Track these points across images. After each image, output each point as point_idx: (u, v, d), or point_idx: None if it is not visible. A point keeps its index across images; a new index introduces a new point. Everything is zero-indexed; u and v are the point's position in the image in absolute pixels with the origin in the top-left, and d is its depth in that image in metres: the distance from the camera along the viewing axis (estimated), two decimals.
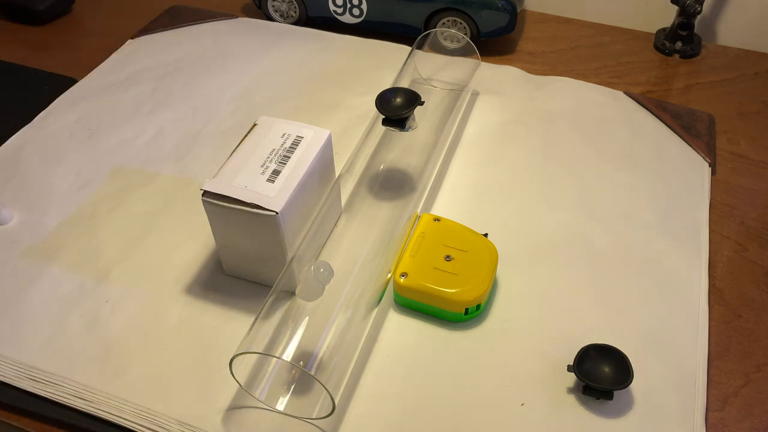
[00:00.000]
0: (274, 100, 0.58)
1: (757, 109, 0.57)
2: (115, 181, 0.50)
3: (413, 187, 0.45)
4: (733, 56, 0.64)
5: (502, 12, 0.60)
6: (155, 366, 0.38)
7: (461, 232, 0.42)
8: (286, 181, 0.39)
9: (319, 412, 0.36)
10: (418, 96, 0.44)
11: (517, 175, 0.50)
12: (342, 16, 0.65)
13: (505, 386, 0.38)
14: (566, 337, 0.40)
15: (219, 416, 0.36)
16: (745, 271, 0.44)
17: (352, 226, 0.42)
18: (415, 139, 0.48)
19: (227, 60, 0.62)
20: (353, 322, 0.37)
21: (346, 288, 0.38)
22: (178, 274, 0.44)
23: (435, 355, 0.39)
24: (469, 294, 0.39)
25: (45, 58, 0.64)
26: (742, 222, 0.48)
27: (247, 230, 0.39)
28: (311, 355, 0.34)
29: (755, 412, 0.37)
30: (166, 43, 0.64)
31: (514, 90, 0.58)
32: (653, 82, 0.61)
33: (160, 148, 0.53)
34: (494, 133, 0.54)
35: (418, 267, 0.40)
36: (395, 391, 0.37)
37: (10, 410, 0.38)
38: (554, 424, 0.36)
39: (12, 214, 0.48)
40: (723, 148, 0.54)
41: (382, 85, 0.59)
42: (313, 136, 0.42)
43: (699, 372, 0.38)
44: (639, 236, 0.46)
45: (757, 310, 0.42)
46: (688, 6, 0.61)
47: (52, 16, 0.69)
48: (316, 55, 0.63)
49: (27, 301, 0.42)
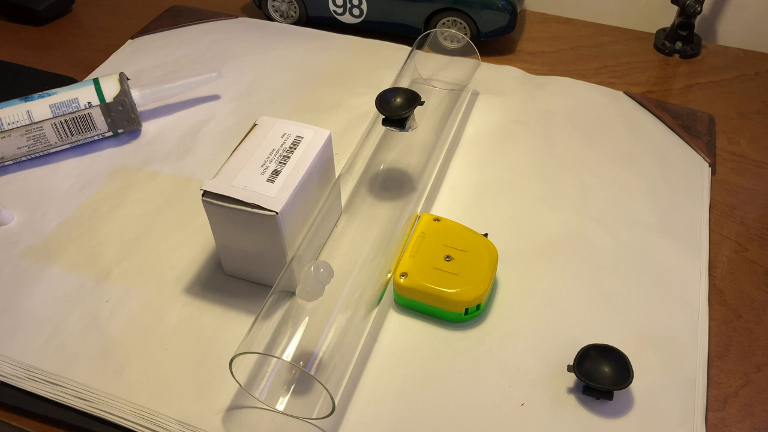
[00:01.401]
0: (274, 100, 0.58)
1: (757, 109, 0.57)
2: (115, 181, 0.50)
3: (413, 187, 0.45)
4: (733, 56, 0.64)
5: (502, 12, 0.60)
6: (155, 366, 0.38)
7: (461, 232, 0.42)
8: (286, 181, 0.39)
9: (319, 412, 0.36)
10: (418, 96, 0.44)
11: (517, 174, 0.50)
12: (342, 16, 0.65)
13: (505, 386, 0.38)
14: (566, 337, 0.40)
15: (219, 416, 0.36)
16: (745, 271, 0.44)
17: (352, 226, 0.42)
18: (415, 139, 0.48)
19: (227, 60, 0.62)
20: (353, 322, 0.37)
21: (346, 288, 0.38)
22: (178, 274, 0.44)
23: (435, 355, 0.39)
24: (469, 294, 0.39)
25: (45, 58, 0.64)
26: (742, 222, 0.48)
27: (247, 230, 0.39)
28: (311, 355, 0.34)
29: (755, 412, 0.37)
30: (166, 43, 0.64)
31: (514, 90, 0.58)
32: (653, 82, 0.61)
33: (160, 148, 0.53)
34: (494, 133, 0.54)
35: (418, 267, 0.40)
36: (395, 391, 0.37)
37: (10, 410, 0.38)
38: (554, 424, 0.36)
39: (12, 214, 0.48)
40: (723, 148, 0.54)
41: (382, 85, 0.59)
42: (313, 136, 0.42)
43: (699, 372, 0.38)
44: (639, 236, 0.46)
45: (757, 310, 0.42)
46: (688, 6, 0.61)
47: (52, 16, 0.69)
48: (316, 55, 0.63)
49: (27, 301, 0.42)
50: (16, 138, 0.49)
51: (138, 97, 0.52)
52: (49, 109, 0.49)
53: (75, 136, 0.51)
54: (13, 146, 0.49)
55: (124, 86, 0.51)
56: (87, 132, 0.51)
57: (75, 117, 0.50)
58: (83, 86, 0.51)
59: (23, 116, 0.49)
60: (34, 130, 0.49)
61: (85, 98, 0.50)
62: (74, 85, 0.51)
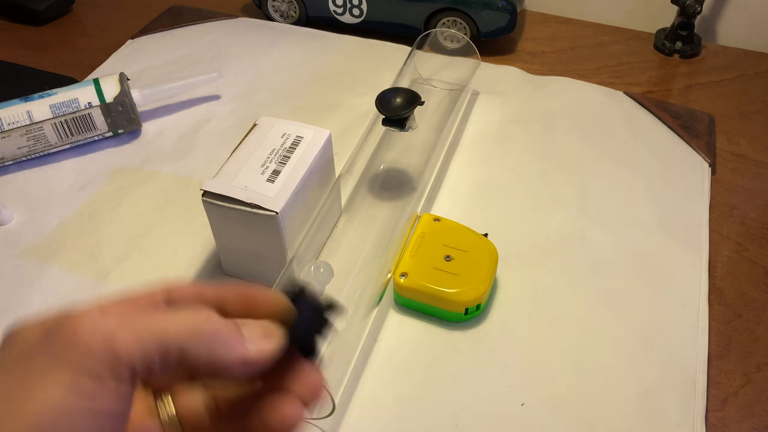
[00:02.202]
0: (274, 100, 0.58)
1: (757, 109, 0.57)
2: (115, 181, 0.50)
3: (413, 187, 0.45)
4: (733, 56, 0.64)
5: (502, 12, 0.60)
6: None
7: (461, 232, 0.42)
8: (286, 181, 0.39)
9: (319, 412, 0.36)
10: (418, 96, 0.44)
11: (517, 175, 0.50)
12: (342, 16, 0.65)
13: (505, 386, 0.38)
14: (566, 337, 0.40)
15: None
16: (745, 271, 0.44)
17: (352, 226, 0.42)
18: (415, 139, 0.48)
19: (227, 60, 0.62)
20: (353, 322, 0.37)
21: (346, 288, 0.38)
22: (178, 274, 0.44)
23: (435, 355, 0.39)
24: (469, 294, 0.39)
25: (45, 58, 0.64)
26: (742, 222, 0.48)
27: (247, 230, 0.39)
28: None
29: (755, 412, 0.37)
30: (166, 43, 0.64)
31: (514, 90, 0.58)
32: (653, 82, 0.61)
33: (160, 148, 0.53)
34: (494, 133, 0.54)
35: (418, 267, 0.40)
36: (395, 391, 0.37)
37: None
38: (554, 424, 0.36)
39: (12, 214, 0.48)
40: (723, 148, 0.54)
41: (382, 85, 0.59)
42: (313, 136, 0.42)
43: (699, 372, 0.38)
44: (639, 236, 0.46)
45: (757, 310, 0.42)
46: (688, 6, 0.61)
47: (51, 16, 0.69)
48: (316, 55, 0.63)
49: (27, 301, 0.42)
50: (16, 138, 0.49)
51: (138, 97, 0.52)
52: (49, 109, 0.49)
53: (75, 136, 0.51)
54: (13, 146, 0.49)
55: (124, 86, 0.51)
56: (87, 132, 0.51)
57: (75, 117, 0.50)
58: (83, 86, 0.51)
59: (23, 116, 0.49)
60: (34, 130, 0.49)
61: (85, 98, 0.50)
62: (74, 85, 0.51)
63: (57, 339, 0.18)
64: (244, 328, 0.20)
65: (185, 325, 0.19)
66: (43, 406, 0.17)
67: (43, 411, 0.17)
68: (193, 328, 0.19)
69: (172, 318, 0.19)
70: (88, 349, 0.18)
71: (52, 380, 0.17)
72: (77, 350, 0.18)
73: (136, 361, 0.18)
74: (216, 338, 0.19)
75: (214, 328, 0.19)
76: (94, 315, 0.19)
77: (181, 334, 0.19)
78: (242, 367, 0.20)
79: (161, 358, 0.18)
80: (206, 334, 0.19)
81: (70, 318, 0.19)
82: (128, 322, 0.19)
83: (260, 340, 0.20)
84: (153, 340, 0.18)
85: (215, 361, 0.19)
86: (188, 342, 0.19)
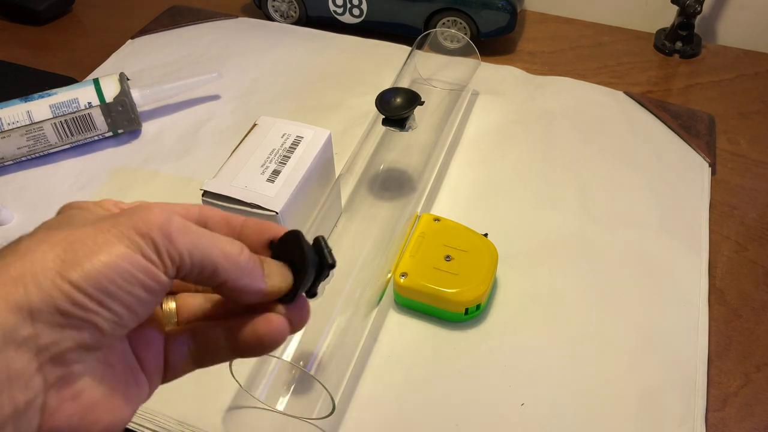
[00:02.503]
0: (274, 100, 0.58)
1: (757, 109, 0.57)
2: (115, 181, 0.50)
3: (413, 187, 0.45)
4: (733, 56, 0.64)
5: (502, 12, 0.60)
6: None
7: (461, 232, 0.42)
8: (286, 181, 0.39)
9: (319, 412, 0.36)
10: (418, 96, 0.44)
11: (517, 175, 0.50)
12: (342, 16, 0.65)
13: (505, 386, 0.38)
14: (566, 337, 0.40)
15: (219, 416, 0.36)
16: (745, 271, 0.44)
17: (352, 226, 0.42)
18: (415, 139, 0.48)
19: (227, 60, 0.62)
20: (353, 322, 0.37)
21: (346, 288, 0.38)
22: None
23: (435, 355, 0.39)
24: (469, 294, 0.39)
25: (45, 58, 0.64)
26: (742, 222, 0.48)
27: None
28: (311, 355, 0.34)
29: (755, 412, 0.37)
30: (166, 43, 0.64)
31: (514, 90, 0.58)
32: (653, 82, 0.61)
33: (159, 148, 0.53)
34: (494, 133, 0.54)
35: (418, 267, 0.40)
36: (395, 391, 0.37)
37: None
38: (554, 424, 0.36)
39: (12, 214, 0.48)
40: (723, 148, 0.54)
41: (382, 85, 0.59)
42: (313, 136, 0.42)
43: (699, 372, 0.38)
44: (639, 236, 0.46)
45: (757, 310, 0.42)
46: (688, 6, 0.61)
47: (51, 16, 0.69)
48: (316, 55, 0.63)
49: None
50: (16, 138, 0.49)
51: (138, 97, 0.52)
52: (49, 109, 0.49)
53: (75, 136, 0.51)
54: (13, 146, 0.49)
55: (124, 86, 0.51)
56: (87, 132, 0.51)
57: (75, 117, 0.50)
58: (83, 86, 0.51)
59: (23, 116, 0.49)
60: (34, 130, 0.49)
61: (85, 98, 0.50)
62: (74, 85, 0.51)
63: (129, 213, 0.21)
64: (265, 265, 0.23)
65: (224, 251, 0.22)
66: (108, 260, 0.19)
67: (108, 264, 0.19)
68: (230, 255, 0.22)
69: (217, 241, 0.22)
70: (155, 231, 0.20)
71: (119, 243, 0.20)
72: (146, 227, 0.20)
73: (185, 264, 0.21)
74: (244, 269, 0.22)
75: (245, 260, 0.22)
76: (167, 209, 0.21)
77: (220, 257, 0.21)
78: (256, 297, 0.23)
79: (199, 270, 0.21)
80: (239, 265, 0.22)
81: (145, 203, 0.22)
82: (191, 229, 0.21)
83: (276, 278, 0.23)
84: (200, 253, 0.21)
85: (237, 287, 0.22)
86: (222, 265, 0.21)
